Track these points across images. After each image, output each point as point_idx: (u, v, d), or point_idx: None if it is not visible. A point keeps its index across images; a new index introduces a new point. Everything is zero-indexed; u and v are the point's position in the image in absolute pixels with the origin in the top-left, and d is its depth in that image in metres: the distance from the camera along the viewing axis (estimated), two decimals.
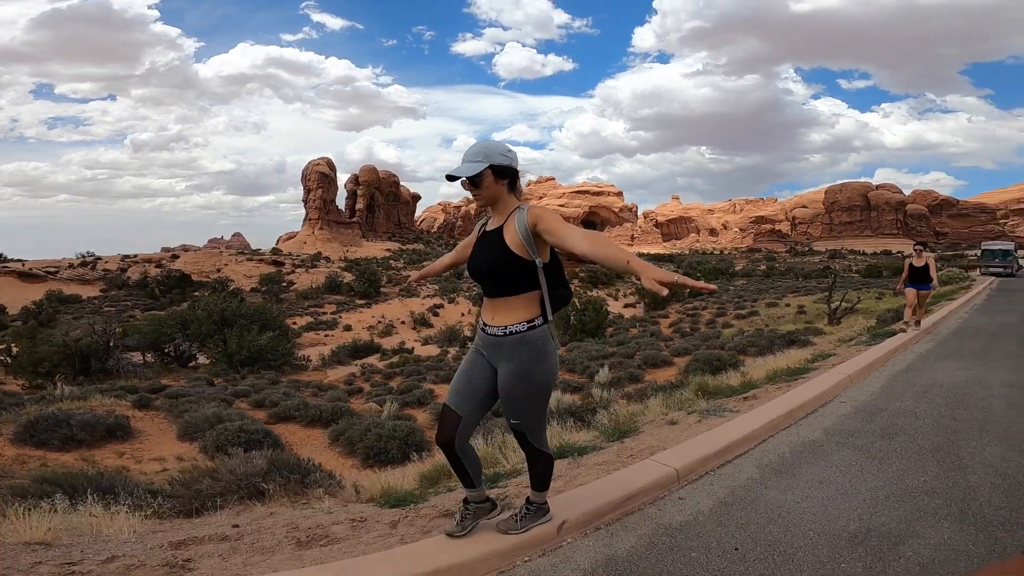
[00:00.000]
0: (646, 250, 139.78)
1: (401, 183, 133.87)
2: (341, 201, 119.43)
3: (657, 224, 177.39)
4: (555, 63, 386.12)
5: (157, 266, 68.17)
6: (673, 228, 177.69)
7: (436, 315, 43.59)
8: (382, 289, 57.31)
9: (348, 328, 37.71)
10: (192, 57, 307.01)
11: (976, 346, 8.05)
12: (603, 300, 31.02)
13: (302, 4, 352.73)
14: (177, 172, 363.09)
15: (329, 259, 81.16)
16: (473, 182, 2.09)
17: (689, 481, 2.96)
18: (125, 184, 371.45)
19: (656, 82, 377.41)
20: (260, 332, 20.19)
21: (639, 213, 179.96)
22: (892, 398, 4.93)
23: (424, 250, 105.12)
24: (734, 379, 6.13)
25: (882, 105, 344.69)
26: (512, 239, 2.07)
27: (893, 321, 10.79)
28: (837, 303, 18.66)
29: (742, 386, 5.61)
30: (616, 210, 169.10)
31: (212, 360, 20.28)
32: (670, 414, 4.57)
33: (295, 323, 35.69)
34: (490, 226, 2.22)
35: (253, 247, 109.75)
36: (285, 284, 60.09)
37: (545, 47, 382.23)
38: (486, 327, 2.21)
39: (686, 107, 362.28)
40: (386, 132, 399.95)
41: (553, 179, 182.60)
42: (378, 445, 7.62)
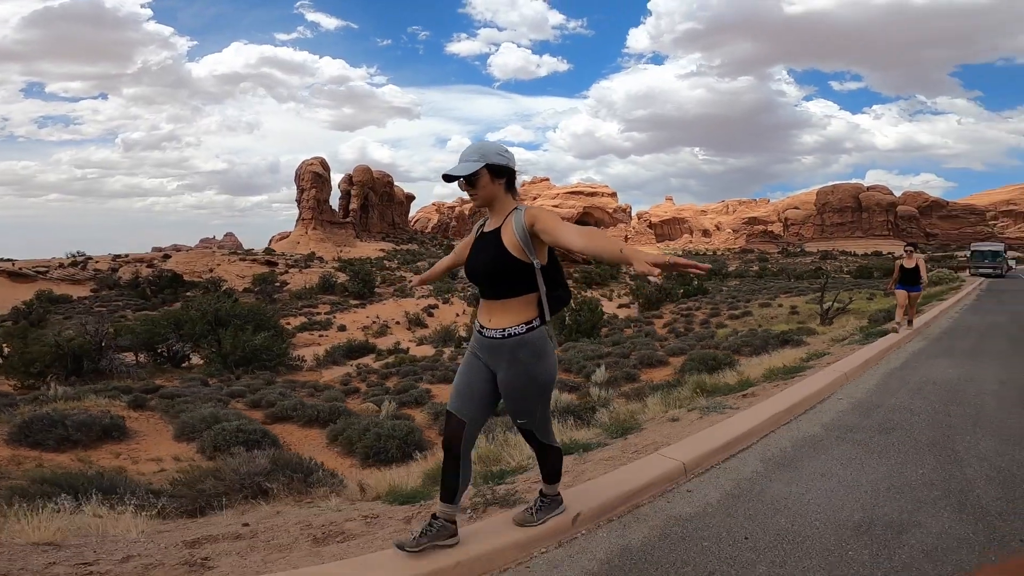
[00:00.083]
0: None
1: (395, 183, 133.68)
2: (335, 201, 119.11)
3: (651, 225, 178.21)
4: (550, 64, 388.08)
5: (148, 266, 67.59)
6: (667, 229, 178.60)
7: (431, 315, 43.58)
8: (376, 289, 57.19)
9: (342, 328, 37.62)
10: (185, 56, 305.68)
11: (967, 345, 8.19)
12: (597, 300, 31.11)
13: (296, 3, 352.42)
14: (169, 171, 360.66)
15: (323, 259, 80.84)
16: (469, 182, 2.07)
17: (696, 474, 3.02)
18: (116, 183, 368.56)
19: (650, 83, 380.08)
20: (255, 332, 20.10)
21: (633, 214, 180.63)
22: (887, 395, 5.02)
23: (418, 250, 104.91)
24: (731, 378, 6.21)
25: (873, 107, 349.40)
26: (510, 241, 2.05)
27: (884, 321, 10.92)
28: (829, 303, 18.88)
29: (740, 384, 5.68)
30: (610, 211, 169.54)
31: (206, 360, 20.16)
32: (671, 411, 4.63)
33: (289, 323, 35.46)
34: (488, 227, 2.20)
35: (246, 247, 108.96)
36: (278, 284, 59.77)
37: (540, 48, 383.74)
38: (483, 330, 2.17)
39: (680, 108, 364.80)
40: (380, 132, 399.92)
41: (547, 180, 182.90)
42: (377, 444, 7.61)
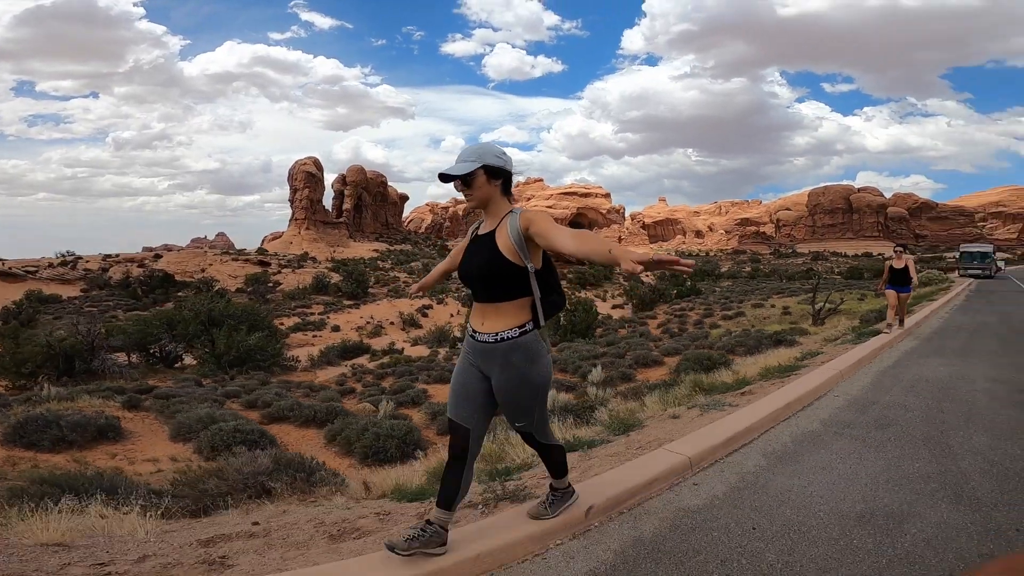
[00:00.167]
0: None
1: (389, 183, 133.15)
2: (328, 201, 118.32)
3: (644, 226, 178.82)
4: (544, 64, 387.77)
5: (139, 266, 66.89)
6: (660, 230, 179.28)
7: (425, 316, 43.50)
8: (370, 290, 57.00)
9: (336, 329, 37.43)
10: (177, 55, 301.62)
11: (957, 344, 8.34)
12: (591, 301, 31.25)
13: (291, 3, 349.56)
14: (160, 171, 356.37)
15: (316, 259, 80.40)
16: (465, 182, 2.06)
17: (701, 468, 3.09)
18: (106, 183, 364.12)
19: (644, 84, 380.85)
20: (249, 333, 20.00)
21: (626, 215, 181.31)
22: (882, 392, 5.12)
23: (412, 251, 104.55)
24: (728, 376, 6.29)
25: (864, 109, 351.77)
26: (504, 244, 2.03)
27: (875, 321, 11.06)
28: (821, 304, 19.07)
29: (737, 383, 5.76)
30: (604, 212, 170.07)
31: (199, 361, 20.02)
32: (671, 409, 4.69)
33: (282, 324, 35.29)
34: (482, 230, 2.17)
35: (238, 247, 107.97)
36: (271, 284, 59.35)
37: (535, 48, 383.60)
38: (476, 334, 2.14)
39: (673, 109, 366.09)
40: (374, 132, 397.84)
41: (541, 180, 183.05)
42: (376, 444, 7.63)
